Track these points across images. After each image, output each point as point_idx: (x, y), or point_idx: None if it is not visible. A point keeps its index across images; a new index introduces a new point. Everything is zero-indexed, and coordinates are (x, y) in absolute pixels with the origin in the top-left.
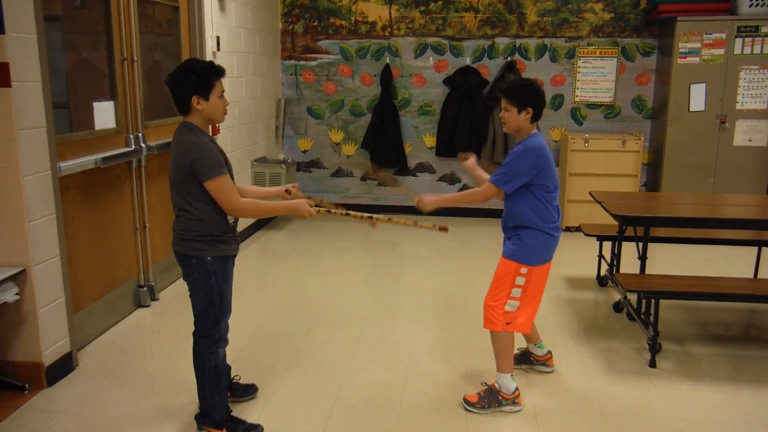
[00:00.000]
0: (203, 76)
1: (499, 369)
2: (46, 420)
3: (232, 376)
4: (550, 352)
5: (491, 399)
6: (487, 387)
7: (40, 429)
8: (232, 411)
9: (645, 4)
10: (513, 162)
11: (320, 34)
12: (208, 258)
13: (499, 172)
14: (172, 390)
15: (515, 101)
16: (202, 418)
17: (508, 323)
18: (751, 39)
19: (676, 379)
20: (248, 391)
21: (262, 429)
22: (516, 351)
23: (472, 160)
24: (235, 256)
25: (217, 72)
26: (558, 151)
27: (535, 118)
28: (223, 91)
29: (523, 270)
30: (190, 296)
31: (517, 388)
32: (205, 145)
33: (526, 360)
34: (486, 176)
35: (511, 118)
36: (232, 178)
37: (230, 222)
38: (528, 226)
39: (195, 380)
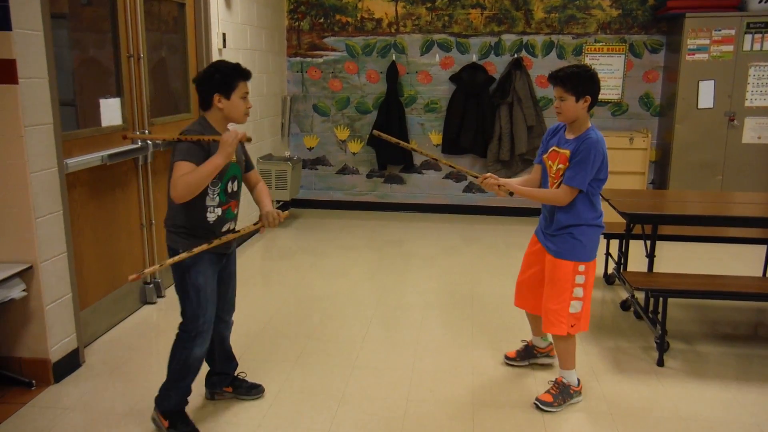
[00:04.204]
0: (228, 76)
1: (565, 367)
2: (53, 416)
3: (237, 372)
4: (552, 344)
5: (564, 395)
6: (555, 384)
7: (47, 425)
8: (185, 408)
9: (653, 1)
10: (585, 160)
11: (326, 31)
12: (180, 250)
13: (573, 173)
14: None
15: (573, 89)
16: (157, 398)
17: (572, 326)
18: (761, 35)
19: (684, 378)
20: (252, 391)
21: None
22: (521, 345)
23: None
24: (219, 255)
25: (242, 74)
26: None
27: (592, 106)
28: (247, 93)
29: (581, 268)
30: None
31: (578, 379)
32: (195, 133)
33: (530, 355)
34: (517, 186)
35: (568, 107)
36: (228, 178)
37: (209, 220)
38: (581, 224)
39: (200, 378)
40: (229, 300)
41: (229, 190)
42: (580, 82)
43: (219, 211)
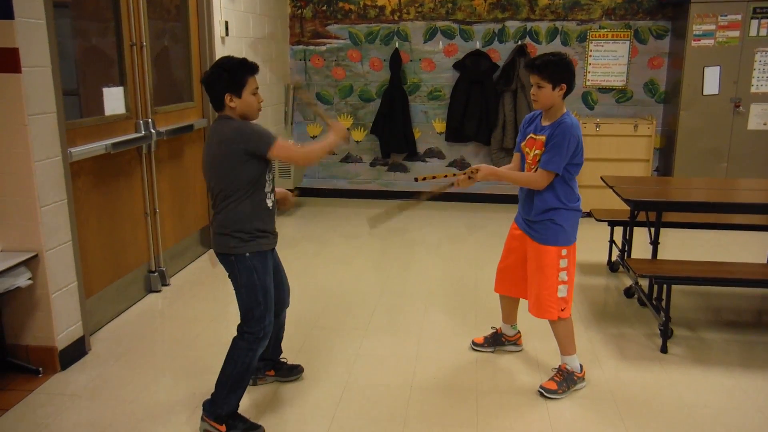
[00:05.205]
0: (236, 74)
1: (565, 352)
2: (60, 403)
3: (280, 357)
4: (519, 332)
5: (568, 382)
6: (559, 371)
7: (54, 412)
8: (238, 408)
9: None
10: (560, 144)
11: (329, 19)
12: (247, 254)
13: (549, 157)
14: (182, 375)
15: (550, 77)
16: (210, 406)
17: (562, 309)
18: (767, 20)
19: (688, 364)
20: (293, 372)
21: (263, 430)
22: (490, 331)
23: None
24: (273, 250)
25: (250, 69)
26: None
27: (567, 94)
28: (257, 87)
29: (564, 252)
30: (235, 294)
31: (581, 365)
32: (247, 125)
33: (498, 342)
34: (501, 170)
35: (545, 95)
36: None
37: (269, 206)
38: (559, 208)
39: (206, 365)
40: (286, 288)
41: (274, 176)
42: (557, 70)
43: (272, 196)
